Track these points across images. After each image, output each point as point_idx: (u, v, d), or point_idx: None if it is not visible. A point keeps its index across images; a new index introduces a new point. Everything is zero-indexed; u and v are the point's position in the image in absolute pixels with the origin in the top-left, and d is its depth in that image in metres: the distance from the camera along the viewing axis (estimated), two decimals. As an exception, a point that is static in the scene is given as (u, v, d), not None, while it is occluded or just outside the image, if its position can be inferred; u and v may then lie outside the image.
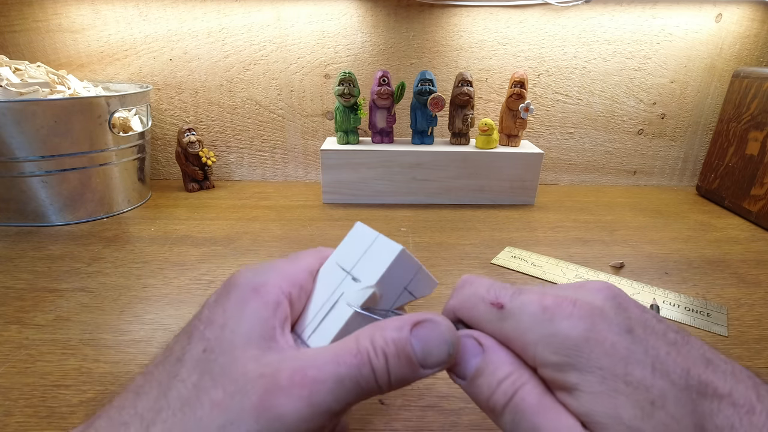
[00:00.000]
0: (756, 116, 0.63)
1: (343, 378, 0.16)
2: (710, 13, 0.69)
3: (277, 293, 0.19)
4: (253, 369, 0.16)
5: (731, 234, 0.59)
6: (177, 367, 0.17)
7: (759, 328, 0.39)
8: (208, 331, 0.18)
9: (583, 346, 0.16)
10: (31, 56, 0.69)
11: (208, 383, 0.16)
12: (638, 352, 0.15)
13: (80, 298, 0.41)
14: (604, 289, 0.18)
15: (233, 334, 0.18)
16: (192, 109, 0.74)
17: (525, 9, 0.68)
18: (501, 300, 0.18)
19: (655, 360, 0.15)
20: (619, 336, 0.16)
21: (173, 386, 0.16)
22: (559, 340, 0.16)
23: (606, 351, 0.15)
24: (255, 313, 0.18)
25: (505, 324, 0.18)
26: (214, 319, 0.18)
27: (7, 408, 0.29)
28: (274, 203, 0.67)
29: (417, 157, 0.65)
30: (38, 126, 0.52)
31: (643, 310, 0.17)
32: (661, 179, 0.81)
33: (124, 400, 0.17)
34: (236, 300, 0.19)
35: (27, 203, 0.56)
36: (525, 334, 0.17)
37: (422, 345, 0.17)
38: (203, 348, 0.17)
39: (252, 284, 0.19)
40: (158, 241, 0.53)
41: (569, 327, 0.16)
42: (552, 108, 0.75)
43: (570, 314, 0.16)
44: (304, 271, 0.21)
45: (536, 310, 0.17)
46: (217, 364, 0.17)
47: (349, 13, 0.68)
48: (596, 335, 0.16)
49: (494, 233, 0.57)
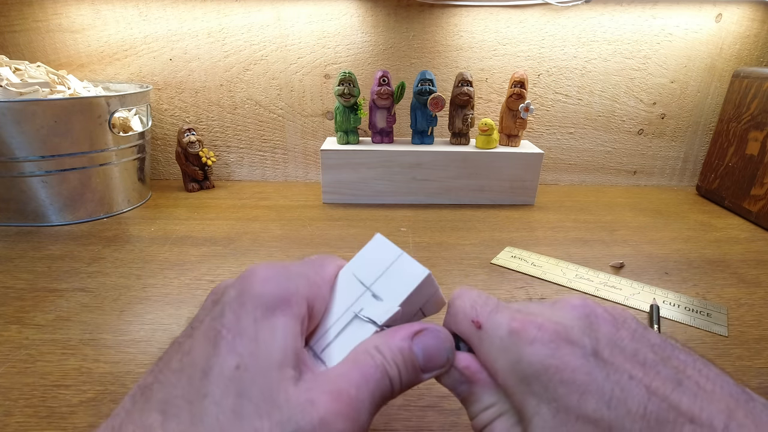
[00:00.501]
0: (756, 116, 0.63)
1: (373, 393, 0.17)
2: (710, 13, 0.69)
3: (304, 306, 0.18)
4: (297, 394, 0.15)
5: (731, 234, 0.59)
6: (205, 383, 0.15)
7: (759, 328, 0.39)
8: (239, 344, 0.16)
9: (542, 374, 0.15)
10: (31, 56, 0.69)
11: (249, 409, 0.15)
12: (598, 379, 0.15)
13: (80, 298, 0.41)
14: (578, 306, 0.18)
15: (268, 351, 0.16)
16: (192, 109, 0.74)
17: (525, 9, 0.68)
18: (480, 318, 0.19)
19: (615, 386, 0.15)
20: (582, 360, 0.15)
21: (207, 410, 0.15)
22: (521, 367, 0.16)
23: (563, 379, 0.15)
24: (288, 328, 0.17)
25: (482, 345, 0.18)
26: (244, 330, 0.16)
27: (7, 408, 0.29)
28: (274, 203, 0.67)
29: (417, 157, 0.65)
30: (38, 126, 0.52)
31: (617, 327, 0.17)
32: (661, 179, 0.81)
33: (149, 419, 0.15)
34: (266, 309, 0.17)
35: (27, 203, 0.56)
36: (495, 360, 0.17)
37: (423, 352, 0.18)
38: (236, 364, 0.16)
39: (281, 293, 0.18)
40: (158, 241, 0.53)
41: (531, 353, 0.16)
42: (552, 108, 0.75)
43: (533, 339, 0.16)
44: (328, 283, 0.21)
45: (504, 334, 0.17)
46: (255, 387, 0.15)
47: (349, 13, 0.68)
48: (557, 361, 0.15)
49: (494, 233, 0.57)
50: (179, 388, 0.15)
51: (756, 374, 0.33)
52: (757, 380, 0.33)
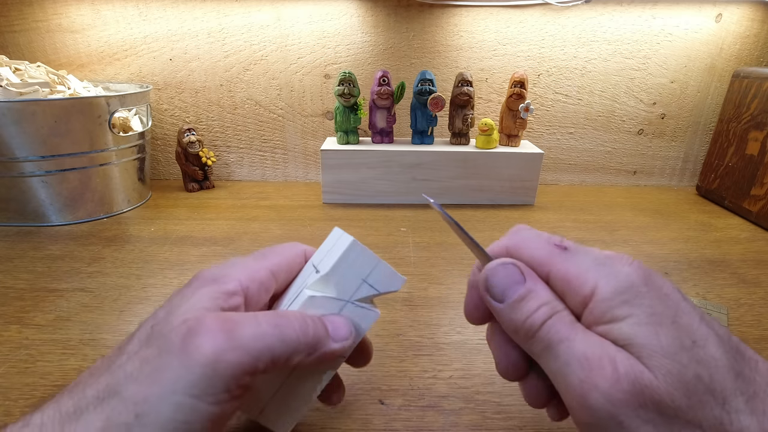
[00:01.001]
0: (756, 116, 0.63)
1: (261, 324, 0.19)
2: (710, 13, 0.69)
3: (235, 285, 0.21)
4: (180, 318, 0.18)
5: (731, 234, 0.59)
6: (125, 343, 0.19)
7: (759, 328, 0.39)
8: (160, 311, 0.20)
9: (641, 287, 0.17)
10: (31, 56, 0.69)
11: (144, 347, 0.18)
12: (688, 306, 0.17)
13: (80, 298, 0.41)
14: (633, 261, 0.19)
15: (179, 307, 0.19)
16: (192, 109, 0.74)
17: (525, 9, 0.68)
18: (566, 243, 0.20)
19: (703, 315, 0.17)
20: (671, 290, 0.17)
21: (120, 360, 0.18)
22: (620, 279, 0.17)
23: (660, 296, 0.17)
24: (206, 294, 0.20)
25: (568, 262, 0.19)
26: (169, 302, 0.20)
27: (7, 408, 0.29)
28: (274, 203, 0.67)
29: (417, 157, 0.65)
30: (38, 126, 0.52)
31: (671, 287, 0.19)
32: (661, 179, 0.81)
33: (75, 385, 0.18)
34: (194, 286, 0.21)
35: (27, 203, 0.56)
36: (587, 272, 0.18)
37: (332, 325, 0.21)
38: (151, 325, 0.19)
39: (212, 275, 0.21)
40: (158, 241, 0.53)
41: (630, 272, 0.17)
42: (552, 108, 0.75)
43: (631, 264, 0.18)
44: (266, 269, 0.23)
45: (600, 256, 0.19)
46: (159, 335, 0.18)
47: (349, 13, 0.68)
48: (653, 283, 0.17)
49: (494, 233, 0.57)
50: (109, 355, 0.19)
51: (756, 374, 0.33)
52: (758, 380, 0.33)
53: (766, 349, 0.36)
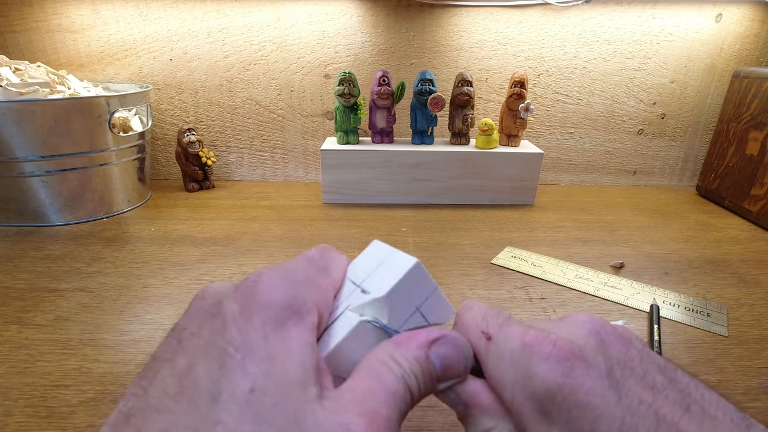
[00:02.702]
0: (756, 116, 0.63)
1: (400, 409, 0.16)
2: (710, 13, 0.69)
3: (315, 314, 0.17)
4: (326, 417, 0.14)
5: (731, 234, 0.59)
6: (215, 409, 0.13)
7: (759, 328, 0.39)
8: (250, 364, 0.14)
9: (556, 393, 0.15)
10: (31, 56, 0.69)
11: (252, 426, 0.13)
12: (611, 403, 0.15)
13: (80, 298, 0.41)
14: (587, 322, 0.17)
15: (286, 369, 0.14)
16: (192, 109, 0.74)
17: (525, 9, 0.68)
18: (490, 330, 0.18)
19: (626, 412, 0.14)
20: (596, 381, 0.15)
21: None
22: (534, 384, 0.15)
23: (578, 402, 0.15)
24: (302, 341, 0.15)
25: (489, 358, 0.18)
26: (255, 347, 0.15)
27: (7, 408, 0.29)
28: (274, 203, 0.67)
29: (417, 157, 0.65)
30: (38, 126, 0.52)
31: (627, 347, 0.17)
32: (661, 179, 0.81)
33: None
34: (276, 322, 0.16)
35: (27, 203, 0.56)
36: (504, 373, 0.17)
37: (441, 361, 0.17)
38: (250, 387, 0.14)
39: (290, 302, 0.16)
40: (158, 241, 0.53)
41: (545, 370, 0.15)
42: (552, 108, 0.75)
43: (548, 355, 0.16)
44: (333, 287, 0.20)
45: (516, 347, 0.17)
46: (276, 410, 0.13)
47: (349, 13, 0.68)
48: (572, 381, 0.15)
49: (494, 233, 0.57)
50: (181, 416, 0.13)
51: (756, 374, 0.33)
52: (757, 380, 0.33)
53: (766, 349, 0.36)
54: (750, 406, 0.30)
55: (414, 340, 0.17)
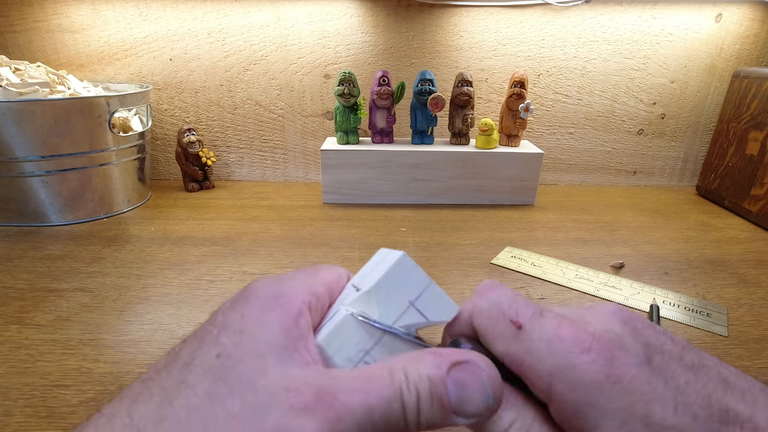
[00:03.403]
0: (756, 116, 0.63)
1: (373, 410, 0.15)
2: (710, 13, 0.69)
3: (299, 303, 0.18)
4: (277, 380, 0.15)
5: (731, 234, 0.59)
6: (185, 372, 0.15)
7: (759, 328, 0.39)
8: (223, 336, 0.16)
9: (603, 384, 0.15)
10: (31, 56, 0.69)
11: (223, 391, 0.14)
12: (659, 387, 0.15)
13: (80, 298, 0.41)
14: (617, 312, 0.17)
15: (253, 340, 0.16)
16: (192, 109, 0.74)
17: (525, 9, 0.68)
18: (521, 319, 0.17)
19: (677, 392, 0.15)
20: (638, 368, 0.15)
21: (180, 393, 0.14)
22: (577, 376, 0.15)
23: (626, 389, 0.15)
24: (277, 322, 0.17)
25: (521, 346, 0.17)
26: (229, 324, 0.17)
27: (7, 408, 0.29)
28: (274, 203, 0.67)
29: (417, 157, 0.65)
30: (38, 126, 0.52)
31: (657, 332, 0.17)
32: (661, 179, 0.81)
33: (116, 407, 0.15)
34: (256, 307, 0.17)
35: (27, 203, 0.56)
36: (540, 363, 0.16)
37: (459, 390, 0.16)
38: (217, 353, 0.15)
39: (272, 293, 0.18)
40: (158, 241, 0.53)
41: (588, 362, 0.15)
42: (552, 108, 0.75)
43: (589, 348, 0.15)
44: (322, 283, 0.20)
45: (553, 338, 0.16)
46: (234, 372, 0.15)
47: (349, 13, 0.68)
48: (616, 371, 0.15)
49: (494, 233, 0.57)
50: (156, 381, 0.15)
51: (756, 374, 0.33)
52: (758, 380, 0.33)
53: (765, 349, 0.36)
54: (750, 406, 0.30)
55: (435, 355, 0.16)
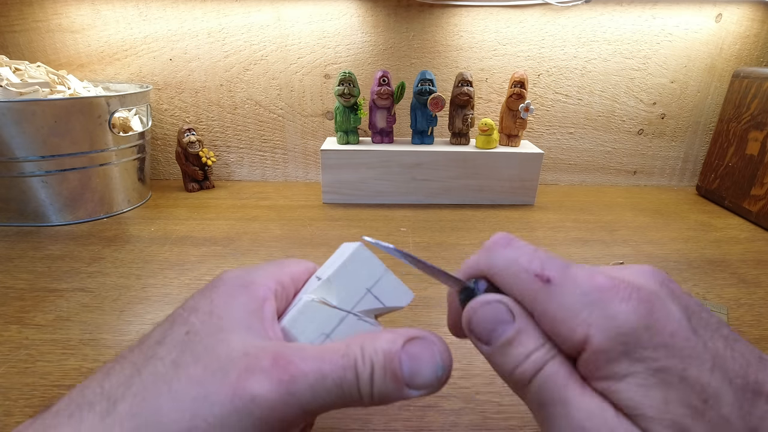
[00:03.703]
0: (756, 116, 0.63)
1: (326, 376, 0.16)
2: (710, 13, 0.69)
3: (265, 290, 0.19)
4: (237, 348, 0.16)
5: (731, 234, 0.59)
6: (155, 348, 0.17)
7: (759, 328, 0.39)
8: (193, 317, 0.18)
9: (642, 333, 0.14)
10: (31, 56, 0.69)
11: (188, 359, 0.16)
12: (698, 346, 0.14)
13: (80, 298, 0.41)
14: (655, 273, 0.17)
15: (220, 319, 0.17)
16: (192, 109, 0.74)
17: (525, 9, 0.68)
18: (548, 273, 0.16)
19: (715, 356, 0.14)
20: (678, 324, 0.15)
21: (149, 364, 0.16)
22: (615, 324, 0.15)
23: (665, 341, 0.14)
24: (243, 305, 0.18)
25: (551, 300, 0.16)
26: (199, 307, 0.18)
27: (7, 408, 0.29)
28: (274, 203, 0.67)
29: (417, 157, 0.65)
30: (38, 126, 0.52)
31: (691, 299, 0.17)
32: (661, 179, 0.81)
33: (90, 381, 0.16)
34: (224, 293, 0.19)
35: (27, 203, 0.56)
36: (575, 314, 0.15)
37: (411, 363, 0.17)
38: (186, 331, 0.17)
39: (240, 281, 0.20)
40: (158, 241, 0.53)
41: (628, 311, 0.15)
42: (552, 108, 0.75)
43: (628, 297, 0.15)
44: (287, 274, 0.22)
45: (589, 289, 0.15)
46: (201, 345, 0.16)
47: (349, 13, 0.68)
48: (656, 323, 0.15)
49: (494, 233, 0.57)
50: (128, 358, 0.17)
51: (756, 374, 0.33)
52: (757, 380, 0.33)
53: (765, 349, 0.36)
54: (750, 406, 0.30)
55: (390, 333, 0.17)
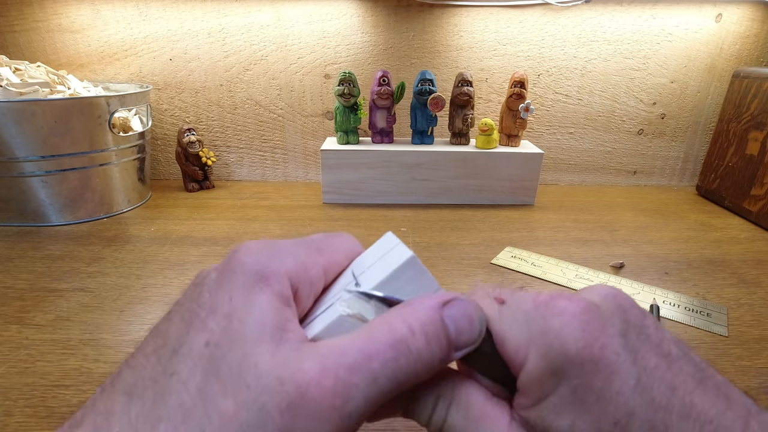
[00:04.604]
0: (756, 116, 0.63)
1: (377, 377, 0.14)
2: (710, 13, 0.69)
3: (285, 284, 0.17)
4: (269, 370, 0.14)
5: (731, 234, 0.59)
6: (174, 362, 0.14)
7: (759, 328, 0.39)
8: (211, 321, 0.15)
9: (571, 347, 0.14)
10: (31, 56, 0.69)
11: (214, 388, 0.14)
12: (627, 362, 0.14)
13: (80, 298, 0.41)
14: (606, 289, 0.17)
15: (242, 325, 0.15)
16: (192, 109, 0.74)
17: (525, 9, 0.68)
18: (503, 295, 0.17)
19: (642, 372, 0.14)
20: (610, 339, 0.15)
21: (172, 388, 0.14)
22: (548, 340, 0.15)
23: (593, 356, 0.14)
24: (267, 303, 0.16)
25: (503, 320, 0.17)
26: (217, 306, 0.16)
27: (7, 408, 0.29)
28: (274, 203, 0.67)
29: (417, 157, 0.65)
30: (38, 126, 0.52)
31: (644, 316, 0.16)
32: (661, 179, 0.81)
33: (112, 402, 0.14)
34: (243, 287, 0.16)
35: (27, 203, 0.56)
36: (518, 334, 0.16)
37: (455, 324, 0.16)
38: (206, 340, 0.15)
39: (261, 272, 0.16)
40: (158, 241, 0.53)
41: (561, 324, 0.15)
42: (552, 108, 0.75)
43: (563, 310, 0.15)
44: (320, 266, 0.18)
45: (530, 307, 0.16)
46: (224, 363, 0.14)
47: (349, 13, 0.68)
48: (588, 335, 0.14)
49: (494, 233, 0.57)
50: (148, 369, 0.15)
51: (756, 374, 0.33)
52: (757, 380, 0.33)
53: (766, 349, 0.36)
54: (750, 406, 0.30)
55: (425, 301, 0.16)
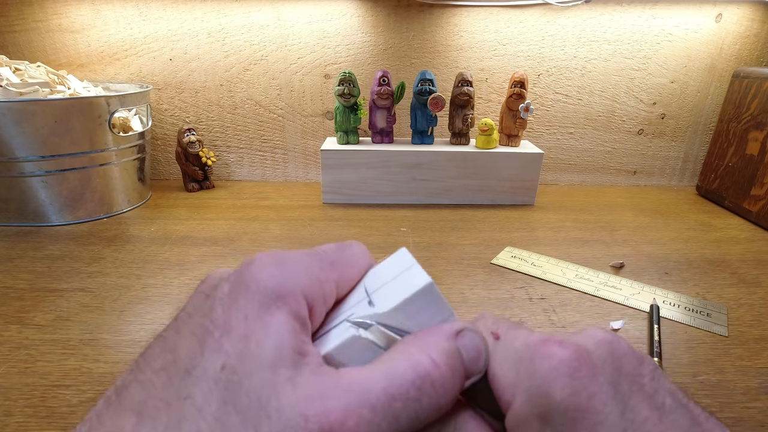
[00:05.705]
0: (756, 116, 0.63)
1: (399, 415, 0.14)
2: (710, 13, 0.69)
3: (302, 303, 0.16)
4: (292, 404, 0.13)
5: (731, 234, 0.59)
6: (187, 383, 0.14)
7: (759, 328, 0.39)
8: (226, 342, 0.14)
9: (557, 394, 0.14)
10: (31, 56, 0.69)
11: (233, 419, 0.13)
12: (613, 414, 0.14)
13: (80, 298, 0.41)
14: (601, 332, 0.17)
15: (259, 348, 0.14)
16: (192, 109, 0.74)
17: (525, 9, 0.68)
18: (498, 330, 0.17)
19: (629, 425, 0.14)
20: (601, 387, 0.14)
21: (187, 414, 0.13)
22: (535, 384, 0.14)
23: (579, 404, 0.14)
24: (284, 324, 0.15)
25: (495, 357, 0.16)
26: (232, 325, 0.15)
27: (7, 408, 0.29)
28: (274, 203, 0.67)
29: (417, 157, 0.65)
30: (38, 126, 0.52)
31: (639, 363, 0.16)
32: (661, 179, 0.81)
33: (121, 419, 0.14)
34: (259, 305, 0.15)
35: (27, 203, 0.56)
36: (507, 372, 0.16)
37: (468, 354, 0.16)
38: (221, 364, 0.14)
39: (277, 289, 0.16)
40: (158, 241, 0.53)
41: (548, 368, 0.14)
42: (552, 108, 0.75)
43: (551, 355, 0.15)
44: (333, 282, 0.18)
45: (521, 345, 0.16)
46: (242, 391, 0.13)
47: (349, 13, 0.68)
48: (576, 383, 0.14)
49: (494, 233, 0.57)
50: (158, 388, 0.14)
51: (756, 374, 0.33)
52: (757, 380, 0.33)
53: (766, 349, 0.36)
54: (750, 406, 0.30)
55: (441, 331, 0.16)
